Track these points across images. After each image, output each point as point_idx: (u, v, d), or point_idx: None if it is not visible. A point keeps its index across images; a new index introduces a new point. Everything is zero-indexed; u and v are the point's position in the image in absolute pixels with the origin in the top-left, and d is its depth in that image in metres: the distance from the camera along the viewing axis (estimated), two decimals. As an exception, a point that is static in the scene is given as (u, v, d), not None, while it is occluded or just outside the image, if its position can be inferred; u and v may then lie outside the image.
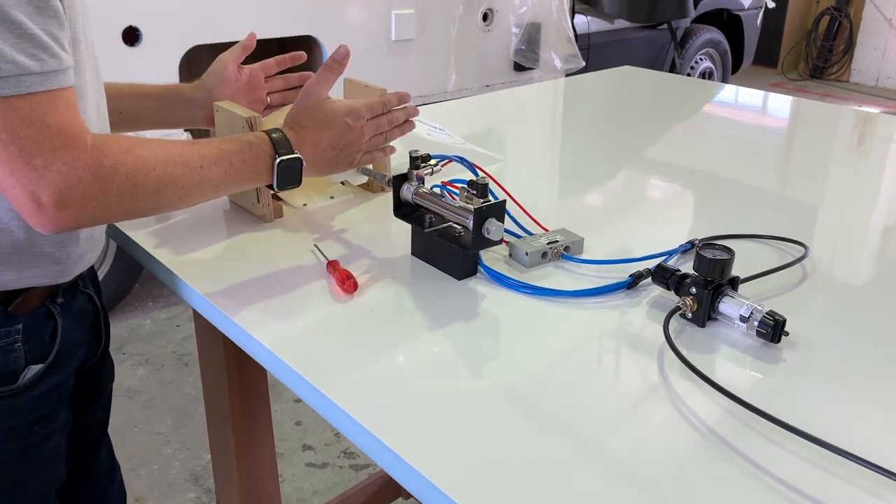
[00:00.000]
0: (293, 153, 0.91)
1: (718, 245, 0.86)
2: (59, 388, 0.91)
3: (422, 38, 3.11)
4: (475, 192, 0.89)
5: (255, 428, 1.32)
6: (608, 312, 0.88)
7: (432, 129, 1.31)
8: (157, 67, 2.44)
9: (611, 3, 3.89)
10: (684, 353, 0.79)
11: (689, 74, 4.67)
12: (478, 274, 0.95)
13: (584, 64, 3.65)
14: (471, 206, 0.88)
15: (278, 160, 0.89)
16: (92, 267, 1.01)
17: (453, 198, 0.96)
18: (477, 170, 1.05)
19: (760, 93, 2.01)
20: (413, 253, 1.00)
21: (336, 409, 0.71)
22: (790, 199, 1.28)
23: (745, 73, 6.64)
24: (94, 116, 0.86)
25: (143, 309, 2.90)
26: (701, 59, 4.76)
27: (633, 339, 0.83)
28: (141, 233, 1.05)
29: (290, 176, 0.91)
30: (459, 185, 0.93)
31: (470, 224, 0.89)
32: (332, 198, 1.18)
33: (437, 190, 0.98)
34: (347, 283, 0.90)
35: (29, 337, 0.86)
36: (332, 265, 0.94)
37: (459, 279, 0.94)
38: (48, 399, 0.90)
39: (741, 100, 1.97)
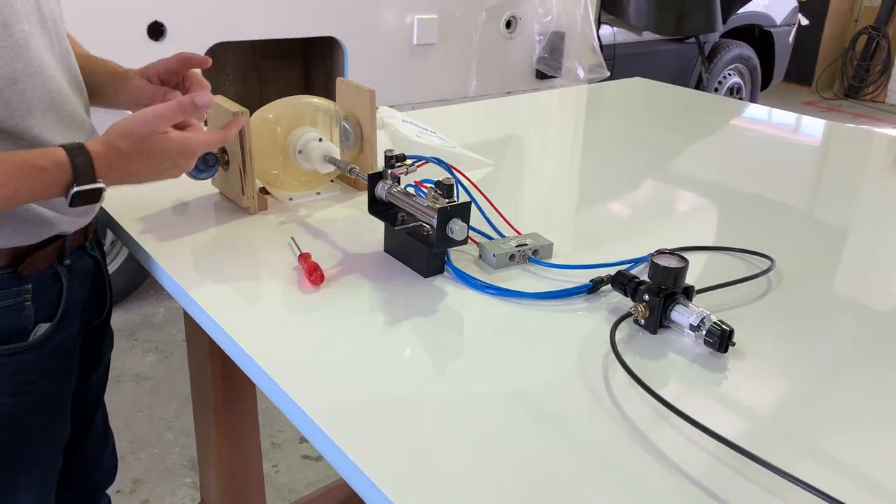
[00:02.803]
0: (95, 182, 0.82)
1: (674, 253, 0.87)
2: (65, 345, 0.97)
3: (443, 43, 3.14)
4: (441, 192, 0.92)
5: (239, 415, 1.35)
6: (565, 316, 0.90)
7: (423, 132, 1.34)
8: (180, 62, 2.51)
9: (637, 15, 3.88)
10: (634, 357, 0.81)
11: (716, 89, 4.64)
12: (445, 273, 0.98)
13: (608, 74, 3.65)
14: (436, 206, 0.91)
15: (75, 190, 0.81)
16: (97, 233, 1.06)
17: (426, 198, 0.98)
18: (454, 171, 1.08)
19: (767, 109, 2.01)
20: (385, 250, 1.03)
21: (274, 387, 0.74)
22: (772, 210, 1.28)
23: (778, 91, 6.57)
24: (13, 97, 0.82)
25: (157, 297, 2.96)
26: (729, 75, 4.73)
27: (583, 342, 0.85)
28: (128, 218, 1.09)
29: (87, 201, 0.83)
30: (428, 185, 0.96)
31: (435, 223, 0.91)
32: (318, 193, 1.21)
33: (410, 189, 1.01)
34: (314, 275, 0.93)
35: (38, 297, 0.91)
36: (304, 257, 0.97)
37: (426, 277, 0.96)
38: (56, 356, 0.96)
39: (747, 114, 1.97)
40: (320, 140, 1.15)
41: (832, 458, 0.68)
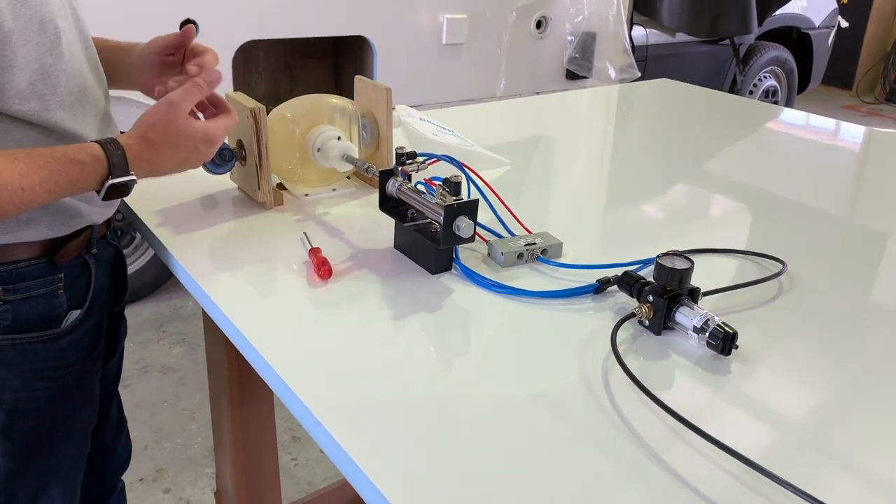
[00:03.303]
0: (128, 175, 0.86)
1: (680, 255, 0.87)
2: (93, 331, 1.01)
3: (472, 42, 3.14)
4: (448, 189, 0.92)
5: (255, 406, 1.37)
6: (571, 315, 0.90)
7: (439, 130, 1.35)
8: (211, 59, 2.55)
9: (670, 17, 3.85)
10: (637, 358, 0.81)
11: (751, 92, 4.58)
12: (453, 270, 0.98)
13: (639, 75, 3.63)
14: (443, 203, 0.91)
15: (110, 183, 0.85)
16: (113, 225, 1.09)
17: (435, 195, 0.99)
18: (465, 169, 1.08)
19: (798, 112, 1.98)
20: (395, 246, 1.04)
21: (276, 378, 0.76)
22: (799, 216, 1.27)
23: (817, 94, 6.47)
24: (27, 88, 0.84)
25: (186, 290, 3.01)
26: (765, 77, 4.66)
27: (587, 343, 0.84)
28: (147, 210, 1.12)
29: (120, 194, 0.87)
30: (437, 183, 0.96)
31: (442, 220, 0.92)
32: (333, 189, 1.23)
33: (420, 187, 1.01)
34: (322, 270, 0.94)
35: (69, 285, 0.95)
36: (314, 252, 0.99)
37: (433, 273, 0.97)
38: (85, 342, 1.00)
39: (775, 116, 1.94)
40: (339, 138, 1.16)
41: (831, 469, 0.68)
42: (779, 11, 4.28)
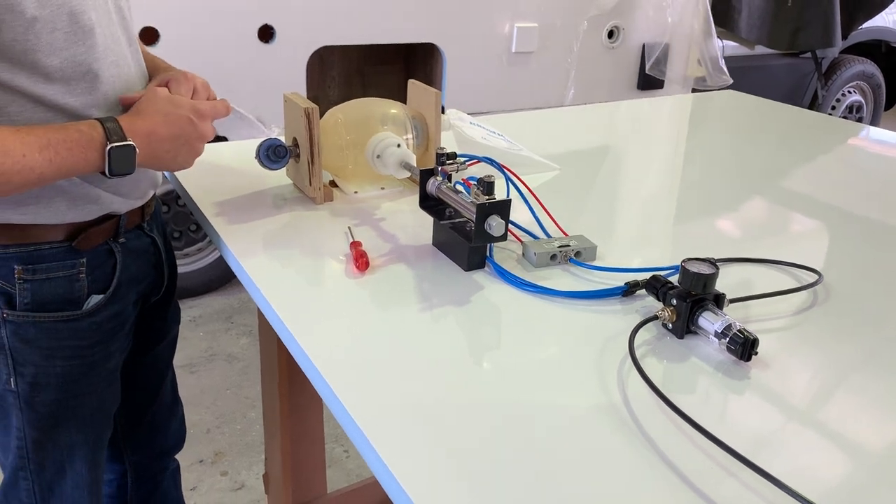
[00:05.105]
0: (125, 140, 0.89)
1: (706, 260, 0.87)
2: (119, 316, 1.06)
3: (543, 51, 3.16)
4: (482, 189, 0.95)
5: (303, 394, 1.43)
6: (598, 316, 0.92)
7: (489, 134, 1.38)
8: (287, 64, 2.65)
9: (749, 28, 3.77)
10: (658, 360, 0.83)
11: (833, 107, 4.43)
12: (486, 268, 1.02)
13: (730, 82, 3.57)
14: (476, 202, 0.95)
15: (109, 147, 0.88)
16: (157, 217, 1.16)
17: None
18: (505, 171, 1.11)
19: (866, 127, 1.92)
20: (433, 243, 1.08)
21: (303, 355, 0.80)
22: (848, 230, 1.24)
23: (908, 111, 6.18)
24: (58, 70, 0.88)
25: (255, 285, 3.13)
26: (850, 92, 4.51)
27: (609, 343, 0.86)
28: (207, 202, 1.19)
29: (124, 163, 0.90)
30: (472, 182, 1.00)
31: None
32: (382, 188, 1.27)
33: (459, 187, 1.05)
34: (360, 262, 0.99)
35: (92, 270, 1.00)
36: (354, 245, 1.03)
37: (466, 270, 1.00)
38: (108, 326, 1.04)
39: (845, 133, 1.90)
40: (398, 146, 1.18)
41: (831, 484, 0.68)
42: (866, 24, 4.13)
